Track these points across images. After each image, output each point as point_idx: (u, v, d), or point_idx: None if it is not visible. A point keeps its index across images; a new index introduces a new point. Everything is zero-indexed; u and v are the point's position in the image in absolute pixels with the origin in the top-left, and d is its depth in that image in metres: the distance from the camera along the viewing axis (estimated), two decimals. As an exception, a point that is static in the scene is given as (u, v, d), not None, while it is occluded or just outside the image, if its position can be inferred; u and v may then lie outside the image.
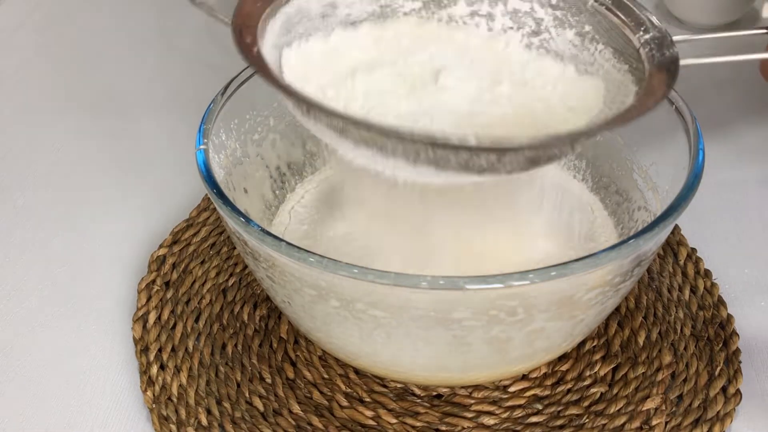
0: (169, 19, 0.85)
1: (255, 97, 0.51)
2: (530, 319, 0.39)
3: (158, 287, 0.53)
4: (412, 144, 0.35)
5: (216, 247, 0.56)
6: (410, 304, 0.37)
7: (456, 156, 0.35)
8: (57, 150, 0.67)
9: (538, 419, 0.46)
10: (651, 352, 0.48)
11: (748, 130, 0.67)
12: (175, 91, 0.74)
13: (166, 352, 0.49)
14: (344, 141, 0.37)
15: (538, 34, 0.45)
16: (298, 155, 0.55)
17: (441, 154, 0.35)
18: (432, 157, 0.36)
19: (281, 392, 0.47)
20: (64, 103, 0.73)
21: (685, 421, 0.45)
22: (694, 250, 0.55)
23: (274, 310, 0.52)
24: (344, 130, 0.36)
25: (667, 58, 0.40)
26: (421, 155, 0.36)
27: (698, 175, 0.41)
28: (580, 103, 0.43)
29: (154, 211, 0.60)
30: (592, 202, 0.52)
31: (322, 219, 0.51)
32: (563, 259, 0.36)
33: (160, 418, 0.46)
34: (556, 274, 0.36)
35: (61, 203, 0.62)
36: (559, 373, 0.48)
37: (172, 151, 0.65)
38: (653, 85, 0.39)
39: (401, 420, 0.46)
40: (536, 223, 0.49)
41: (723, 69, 0.75)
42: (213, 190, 0.41)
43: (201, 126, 0.45)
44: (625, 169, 0.51)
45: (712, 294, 0.52)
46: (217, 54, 0.79)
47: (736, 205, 0.60)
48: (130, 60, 0.79)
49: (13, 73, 0.77)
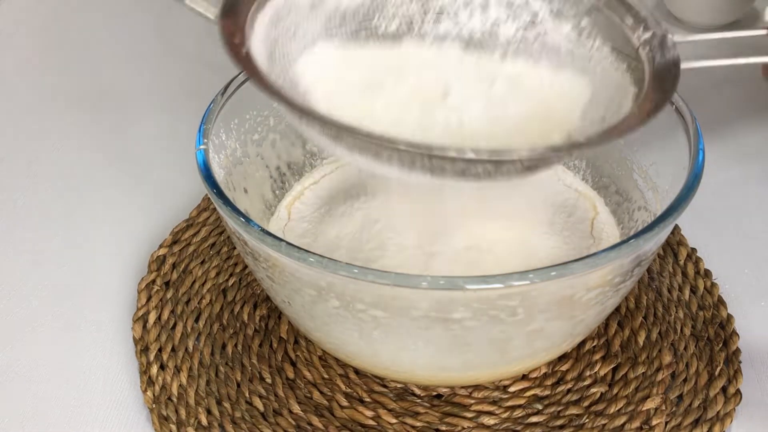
0: (169, 19, 0.85)
1: (255, 97, 0.51)
2: (530, 319, 0.39)
3: (158, 287, 0.53)
4: (407, 154, 0.35)
5: (216, 247, 0.56)
6: (410, 304, 0.37)
7: (452, 165, 0.35)
8: (57, 150, 0.67)
9: (538, 419, 0.46)
10: (651, 352, 0.48)
11: (748, 130, 0.67)
12: (175, 91, 0.73)
13: (166, 352, 0.49)
14: (338, 146, 0.37)
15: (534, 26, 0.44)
16: (298, 155, 0.55)
17: (437, 163, 0.35)
18: (428, 166, 0.35)
19: (281, 392, 0.47)
20: (64, 103, 0.73)
21: (685, 421, 0.45)
22: (694, 250, 0.55)
23: (274, 310, 0.52)
24: (337, 137, 0.36)
25: (667, 60, 0.39)
26: (417, 164, 0.35)
27: (698, 175, 0.41)
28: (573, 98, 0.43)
29: (154, 211, 0.60)
30: (596, 199, 0.52)
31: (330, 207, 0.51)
32: (564, 258, 0.36)
33: (160, 418, 0.46)
34: (556, 274, 0.36)
35: (61, 203, 0.62)
36: (559, 373, 0.48)
37: (172, 151, 0.65)
38: (653, 91, 0.38)
39: (401, 420, 0.46)
40: (537, 223, 0.49)
41: (723, 69, 0.74)
42: (213, 190, 0.41)
43: (201, 126, 0.45)
44: (625, 169, 0.51)
45: (712, 294, 0.52)
46: (217, 54, 0.79)
47: (736, 205, 0.60)
48: (130, 60, 0.79)
49: (13, 73, 0.77)
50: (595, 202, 0.52)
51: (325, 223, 0.50)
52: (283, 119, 0.54)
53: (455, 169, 0.35)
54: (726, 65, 0.41)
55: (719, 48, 0.43)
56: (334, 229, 0.49)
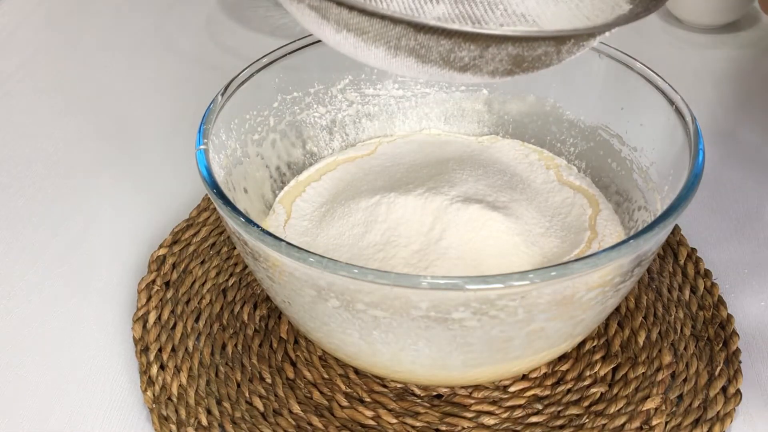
0: (169, 19, 0.85)
1: (255, 97, 0.51)
2: (530, 319, 0.39)
3: (158, 287, 0.53)
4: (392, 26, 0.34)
5: (216, 247, 0.56)
6: (410, 304, 0.37)
7: (438, 45, 0.34)
8: (57, 150, 0.67)
9: (538, 419, 0.46)
10: (651, 352, 0.48)
11: (748, 130, 0.67)
12: (175, 91, 0.74)
13: (166, 352, 0.49)
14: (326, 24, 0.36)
15: None
16: (298, 155, 0.55)
17: (423, 40, 0.34)
18: (413, 46, 0.34)
19: (281, 392, 0.47)
20: (64, 103, 0.73)
21: (685, 421, 0.45)
22: (694, 250, 0.55)
23: (274, 310, 0.52)
24: (325, 11, 0.35)
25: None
26: (403, 42, 0.34)
27: (698, 175, 0.41)
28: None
29: (154, 211, 0.60)
30: (598, 197, 0.52)
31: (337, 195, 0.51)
32: (564, 258, 0.36)
33: (160, 418, 0.46)
34: (556, 274, 0.36)
35: (61, 203, 0.62)
36: (559, 373, 0.48)
37: (172, 151, 0.65)
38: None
39: (401, 420, 0.46)
40: (537, 222, 0.49)
41: (723, 69, 0.75)
42: (213, 190, 0.41)
43: (201, 126, 0.45)
44: (625, 169, 0.51)
45: (712, 294, 0.51)
46: (217, 54, 0.79)
47: (736, 205, 0.60)
48: (130, 60, 0.79)
49: (13, 73, 0.77)
50: (597, 200, 0.52)
51: (326, 222, 0.50)
52: (283, 119, 0.54)
53: (441, 51, 0.34)
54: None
55: (719, 48, 0.43)
56: (334, 229, 0.49)
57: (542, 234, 0.48)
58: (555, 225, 0.49)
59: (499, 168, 0.53)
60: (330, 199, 0.52)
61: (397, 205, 0.48)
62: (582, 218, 0.50)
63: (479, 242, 0.46)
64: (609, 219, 0.50)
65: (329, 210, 0.51)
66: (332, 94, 0.56)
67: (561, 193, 0.52)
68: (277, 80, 0.52)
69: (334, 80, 0.56)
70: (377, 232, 0.47)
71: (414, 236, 0.46)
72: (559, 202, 0.52)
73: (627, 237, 0.38)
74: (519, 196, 0.50)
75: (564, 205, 0.51)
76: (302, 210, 0.52)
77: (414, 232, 0.46)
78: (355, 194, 0.50)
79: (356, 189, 0.51)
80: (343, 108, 0.57)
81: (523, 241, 0.47)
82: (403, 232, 0.46)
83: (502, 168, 0.53)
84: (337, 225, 0.49)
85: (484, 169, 0.52)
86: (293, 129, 0.54)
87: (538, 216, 0.49)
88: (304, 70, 0.54)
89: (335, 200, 0.51)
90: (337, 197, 0.51)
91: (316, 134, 0.56)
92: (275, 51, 0.52)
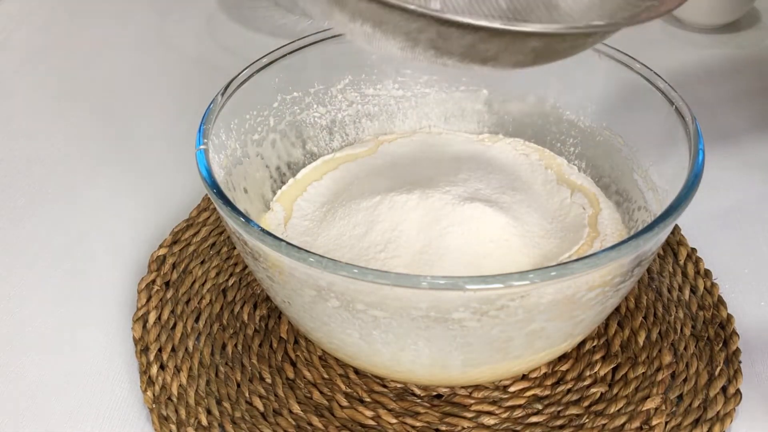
0: (169, 19, 0.85)
1: (255, 97, 0.51)
2: (530, 319, 0.39)
3: (158, 287, 0.53)
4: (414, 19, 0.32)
5: (216, 247, 0.56)
6: (410, 304, 0.37)
7: (460, 38, 0.33)
8: (57, 150, 0.67)
9: (538, 419, 0.46)
10: (651, 352, 0.48)
11: (748, 130, 0.67)
12: (175, 91, 0.74)
13: (166, 352, 0.49)
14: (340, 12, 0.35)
15: None
16: (298, 155, 0.55)
17: (444, 33, 0.33)
18: (434, 39, 0.33)
19: (281, 392, 0.47)
20: (64, 103, 0.73)
21: (685, 421, 0.45)
22: (694, 250, 0.55)
23: (274, 310, 0.52)
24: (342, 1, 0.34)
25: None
26: (423, 35, 0.33)
27: (698, 175, 0.41)
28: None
29: (154, 211, 0.60)
30: (599, 195, 0.52)
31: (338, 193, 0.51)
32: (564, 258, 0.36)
33: (160, 418, 0.46)
34: (556, 274, 0.36)
35: (61, 203, 0.62)
36: (559, 373, 0.48)
37: (172, 151, 0.65)
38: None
39: (401, 420, 0.46)
40: (537, 223, 0.49)
41: (723, 68, 0.75)
42: (213, 190, 0.41)
43: (201, 126, 0.45)
44: (625, 169, 0.51)
45: (712, 294, 0.51)
46: (217, 54, 0.79)
47: (736, 205, 0.60)
48: (130, 60, 0.79)
49: (13, 73, 0.77)
50: (598, 198, 0.52)
51: (327, 222, 0.50)
52: (283, 119, 0.54)
53: (462, 44, 0.33)
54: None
55: (719, 48, 0.43)
56: (335, 229, 0.49)
57: (543, 235, 0.48)
58: (555, 225, 0.49)
59: (501, 168, 0.53)
60: (331, 198, 0.52)
61: (397, 205, 0.47)
62: (582, 218, 0.50)
63: (480, 242, 0.46)
64: (610, 218, 0.50)
65: (330, 210, 0.51)
66: (332, 94, 0.56)
67: (562, 192, 0.52)
68: (277, 80, 0.52)
69: (334, 80, 0.56)
70: (378, 232, 0.47)
71: (414, 236, 0.46)
72: (559, 202, 0.52)
73: (627, 237, 0.38)
74: (520, 197, 0.50)
75: (564, 205, 0.51)
76: (303, 209, 0.52)
77: (415, 232, 0.46)
78: (356, 194, 0.50)
79: (357, 189, 0.51)
80: (343, 108, 0.57)
81: (523, 241, 0.47)
82: (404, 232, 0.46)
83: (503, 168, 0.53)
84: (338, 225, 0.49)
85: (485, 169, 0.52)
86: (293, 129, 0.54)
87: (539, 217, 0.49)
88: (304, 70, 0.54)
89: (336, 200, 0.51)
90: (339, 197, 0.51)
91: (316, 134, 0.56)
92: (275, 51, 0.52)
